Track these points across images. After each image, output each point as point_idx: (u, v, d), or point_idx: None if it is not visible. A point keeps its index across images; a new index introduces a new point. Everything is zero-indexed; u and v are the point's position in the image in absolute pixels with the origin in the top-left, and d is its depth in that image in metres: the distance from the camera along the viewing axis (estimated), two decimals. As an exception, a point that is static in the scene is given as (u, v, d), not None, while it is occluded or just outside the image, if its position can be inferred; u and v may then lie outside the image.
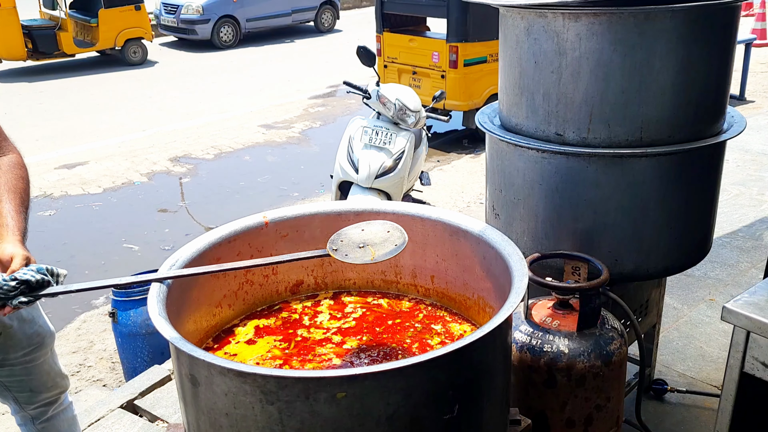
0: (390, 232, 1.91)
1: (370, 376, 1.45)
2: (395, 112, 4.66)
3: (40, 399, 2.40)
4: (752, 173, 6.21)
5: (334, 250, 1.86)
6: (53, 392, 2.42)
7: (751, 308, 1.75)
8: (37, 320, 2.30)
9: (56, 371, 2.42)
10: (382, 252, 1.85)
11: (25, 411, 2.42)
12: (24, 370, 2.30)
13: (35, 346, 2.29)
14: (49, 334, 2.35)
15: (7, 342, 2.20)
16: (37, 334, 2.29)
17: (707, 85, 2.31)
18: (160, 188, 6.99)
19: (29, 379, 2.33)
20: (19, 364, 2.27)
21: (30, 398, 2.38)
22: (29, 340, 2.26)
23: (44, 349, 2.32)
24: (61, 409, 2.50)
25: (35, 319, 2.29)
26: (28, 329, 2.26)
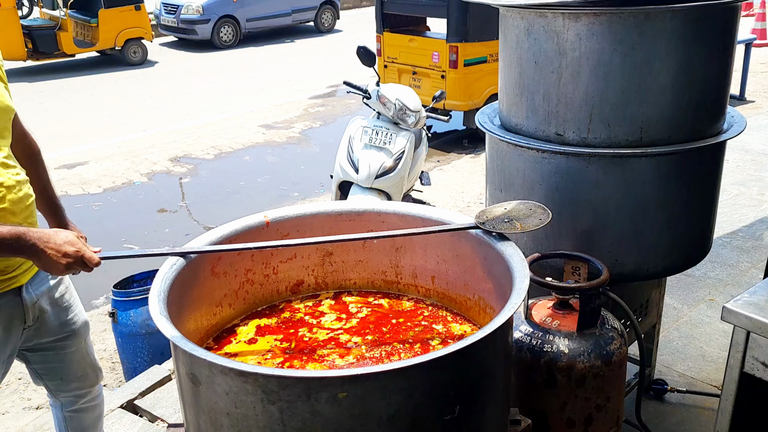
0: (532, 209, 2.02)
1: (371, 376, 1.45)
2: (395, 112, 4.66)
3: (71, 388, 2.43)
4: (752, 173, 6.22)
5: (482, 223, 1.98)
6: (84, 383, 2.45)
7: (751, 308, 1.75)
8: (73, 308, 2.34)
9: (88, 362, 2.45)
10: (530, 225, 1.95)
11: (55, 397, 2.46)
12: (56, 357, 2.33)
13: (68, 334, 2.33)
14: (84, 324, 2.39)
15: (42, 327, 2.23)
16: (71, 322, 2.33)
17: (707, 85, 2.31)
18: (160, 188, 6.99)
19: (60, 366, 2.36)
20: (52, 350, 2.31)
21: (60, 386, 2.41)
22: (62, 327, 2.30)
23: (77, 338, 2.36)
24: (91, 405, 2.53)
25: (71, 306, 2.34)
26: (63, 316, 2.30)
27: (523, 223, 1.98)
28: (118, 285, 3.65)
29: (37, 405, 3.58)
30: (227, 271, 2.10)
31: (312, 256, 2.27)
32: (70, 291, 2.34)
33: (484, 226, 1.97)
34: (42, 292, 2.20)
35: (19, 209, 2.04)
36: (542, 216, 1.99)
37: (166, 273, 1.83)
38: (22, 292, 2.11)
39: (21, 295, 2.11)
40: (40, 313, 2.21)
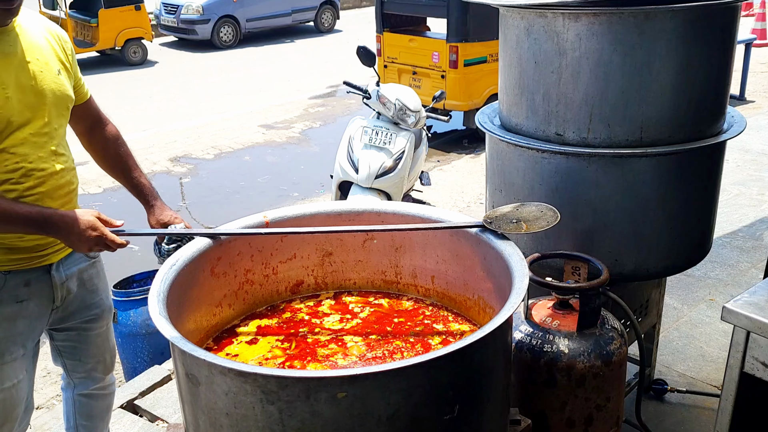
0: (543, 212, 2.04)
1: (370, 376, 1.45)
2: (395, 112, 4.66)
3: (87, 369, 2.46)
4: (752, 173, 6.22)
5: (489, 222, 2.00)
6: (100, 366, 2.48)
7: (751, 308, 1.75)
8: (100, 292, 2.40)
9: (108, 347, 2.49)
10: (535, 226, 1.98)
11: (70, 377, 2.50)
12: (78, 337, 2.37)
13: (93, 317, 2.37)
14: (108, 308, 2.44)
15: (69, 307, 2.28)
16: (96, 305, 2.37)
17: (707, 85, 2.31)
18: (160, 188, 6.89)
19: (82, 347, 2.40)
20: (75, 330, 2.35)
21: (77, 366, 2.45)
22: (88, 309, 2.35)
23: (101, 322, 2.41)
24: (102, 393, 2.56)
25: (98, 291, 2.39)
26: (89, 299, 2.35)
27: (529, 224, 1.99)
28: (118, 285, 3.66)
29: (37, 405, 3.58)
30: (227, 271, 2.10)
31: (312, 256, 2.27)
32: (100, 275, 2.40)
33: (490, 226, 1.98)
34: (72, 273, 2.25)
35: (57, 195, 2.12)
36: (550, 218, 2.00)
37: (166, 273, 1.83)
38: (51, 270, 2.18)
39: (50, 273, 2.18)
40: (68, 294, 2.25)
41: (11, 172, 2.00)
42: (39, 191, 2.06)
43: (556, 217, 1.99)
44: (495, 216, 2.02)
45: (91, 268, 2.35)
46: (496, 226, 1.98)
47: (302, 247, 2.25)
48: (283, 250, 2.22)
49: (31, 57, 2.05)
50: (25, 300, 2.12)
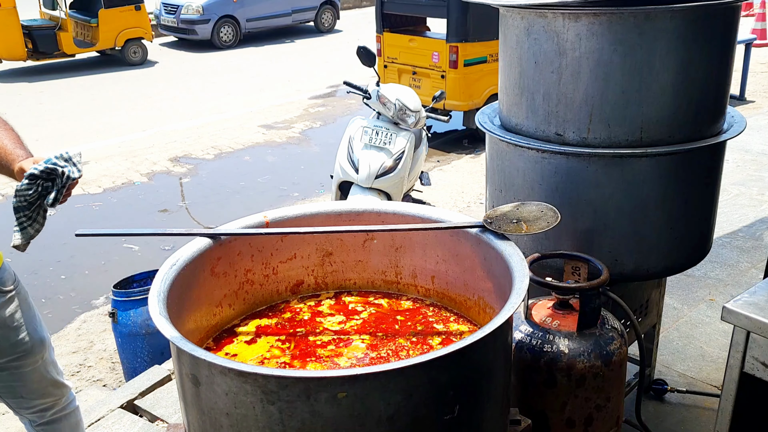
0: (543, 212, 2.03)
1: (371, 376, 1.45)
2: (395, 112, 4.66)
3: (33, 405, 2.36)
4: (752, 173, 6.22)
5: (489, 223, 1.99)
6: (47, 399, 2.37)
7: (751, 308, 1.75)
8: (24, 327, 2.23)
9: (49, 380, 2.35)
10: (535, 227, 1.97)
11: (21, 415, 2.40)
12: (11, 376, 2.25)
13: (21, 354, 2.24)
14: (38, 343, 2.28)
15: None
16: (22, 342, 2.23)
17: (707, 85, 2.31)
18: (160, 188, 6.99)
19: (18, 385, 2.29)
20: (5, 370, 2.23)
21: (21, 404, 2.34)
22: (13, 347, 2.21)
23: (32, 357, 2.27)
24: (63, 414, 2.45)
25: (22, 326, 2.23)
26: (14, 336, 2.20)
27: (529, 224, 1.98)
28: (118, 285, 3.66)
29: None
30: (227, 271, 2.10)
31: (312, 256, 2.27)
32: (21, 310, 2.23)
33: (490, 226, 1.98)
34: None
35: None
36: (550, 219, 1.99)
37: (166, 273, 1.83)
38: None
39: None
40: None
41: None
42: None
43: (556, 218, 1.99)
44: (495, 216, 2.02)
45: (9, 303, 2.19)
46: (496, 226, 1.98)
47: (302, 247, 2.25)
48: (283, 250, 2.22)
49: None
50: None
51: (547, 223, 1.98)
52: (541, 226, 1.98)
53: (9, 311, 2.18)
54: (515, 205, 2.08)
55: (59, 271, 5.32)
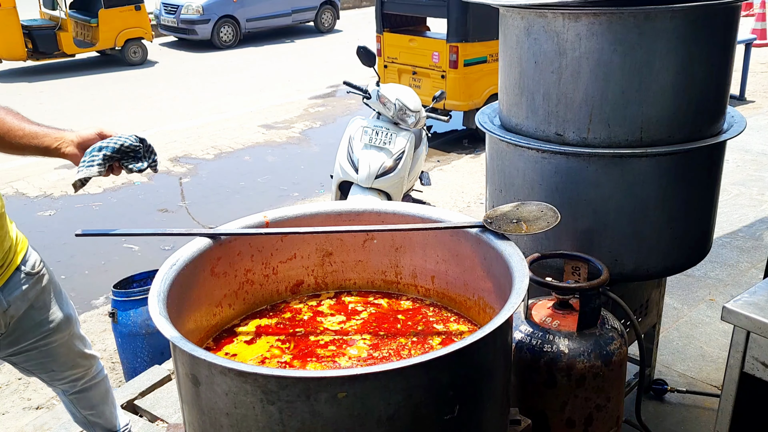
0: (543, 211, 2.03)
1: (371, 376, 1.45)
2: (395, 112, 4.66)
3: (65, 377, 2.45)
4: (752, 173, 6.22)
5: (489, 223, 1.99)
6: (76, 371, 2.47)
7: (751, 308, 1.75)
8: (49, 306, 2.32)
9: (76, 353, 2.45)
10: (535, 227, 1.97)
11: (53, 387, 2.51)
12: (40, 354, 2.33)
13: (49, 332, 2.31)
14: (65, 320, 2.36)
15: (17, 330, 2.23)
16: (47, 321, 2.30)
17: (707, 85, 2.31)
18: (160, 188, 6.99)
19: (48, 361, 2.37)
20: (34, 349, 2.31)
21: (53, 377, 2.44)
22: (40, 326, 2.29)
23: (60, 334, 2.35)
24: (93, 383, 2.56)
25: (47, 305, 2.31)
26: (38, 316, 2.28)
27: (529, 224, 1.98)
28: (118, 285, 3.66)
29: (37, 405, 3.58)
30: (227, 271, 2.10)
31: (312, 256, 2.27)
32: (46, 291, 2.30)
33: (490, 226, 1.98)
34: (14, 297, 2.17)
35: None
36: (550, 219, 1.99)
37: (166, 273, 1.83)
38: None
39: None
40: (12, 320, 2.19)
41: None
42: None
43: (556, 218, 1.99)
44: (495, 216, 2.02)
45: (36, 285, 2.24)
46: (496, 226, 1.98)
47: (302, 247, 2.25)
48: (283, 250, 2.22)
49: None
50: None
51: (547, 223, 1.98)
52: (541, 226, 1.98)
53: (36, 292, 2.25)
54: (515, 205, 2.08)
55: (59, 271, 5.32)
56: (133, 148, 2.01)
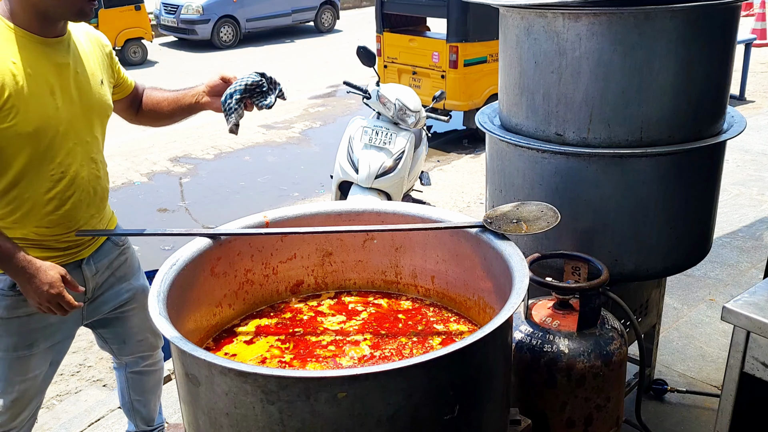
0: (543, 211, 2.03)
1: (371, 376, 1.45)
2: (395, 112, 4.66)
3: (133, 350, 2.59)
4: (752, 173, 6.22)
5: (489, 223, 1.99)
6: (145, 346, 2.60)
7: (751, 308, 1.75)
8: (128, 277, 2.45)
9: (147, 326, 2.54)
10: (535, 227, 1.97)
11: (119, 359, 2.64)
12: (117, 322, 2.47)
13: (125, 301, 2.44)
14: (141, 290, 2.49)
15: (99, 297, 2.36)
16: (125, 290, 2.44)
17: (707, 85, 2.31)
18: (160, 188, 7.00)
19: (122, 330, 2.50)
20: (113, 318, 2.45)
21: (122, 349, 2.57)
22: (118, 295, 2.42)
23: (134, 303, 2.47)
24: (152, 369, 2.70)
25: (126, 276, 2.45)
26: (117, 285, 2.42)
27: (529, 224, 1.98)
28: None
29: (37, 405, 3.58)
30: (227, 271, 2.10)
31: (312, 256, 2.27)
32: (128, 261, 2.46)
33: (490, 226, 1.98)
34: (102, 264, 2.33)
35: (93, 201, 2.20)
36: (550, 219, 1.99)
37: (166, 273, 1.83)
38: (82, 264, 2.25)
39: (81, 267, 2.25)
40: (99, 286, 2.33)
41: (56, 181, 2.07)
42: (77, 198, 2.13)
43: (556, 218, 1.99)
44: (495, 216, 2.02)
45: (121, 256, 2.41)
46: (496, 226, 1.98)
47: (302, 247, 2.25)
48: (283, 250, 2.22)
49: (80, 68, 2.11)
50: None
51: (547, 223, 1.98)
52: (541, 226, 1.98)
53: (119, 262, 2.41)
54: (515, 205, 2.08)
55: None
56: (257, 83, 2.17)
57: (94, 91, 2.15)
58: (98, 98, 2.17)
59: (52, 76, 2.01)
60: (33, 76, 1.95)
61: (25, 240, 2.09)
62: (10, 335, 2.16)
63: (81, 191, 2.14)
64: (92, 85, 2.14)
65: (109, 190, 2.33)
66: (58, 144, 2.04)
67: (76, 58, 2.11)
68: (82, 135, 2.11)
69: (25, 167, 2.00)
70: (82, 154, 2.12)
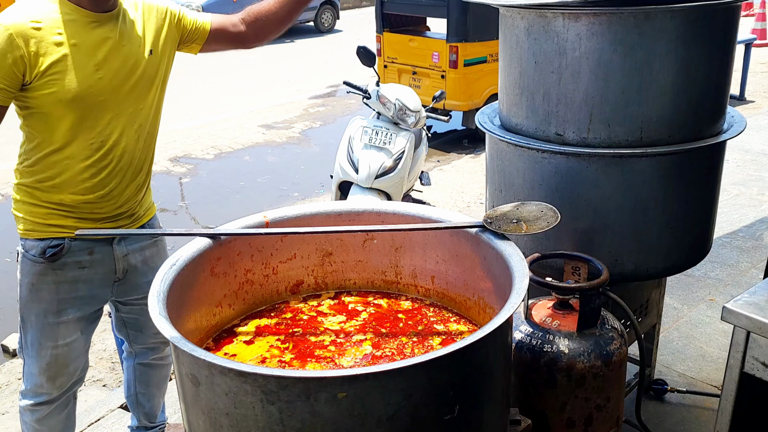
0: (543, 211, 2.03)
1: (371, 376, 1.45)
2: (395, 112, 4.66)
3: (147, 341, 2.64)
4: (752, 173, 6.22)
5: (489, 223, 1.99)
6: (158, 338, 2.64)
7: (751, 308, 1.75)
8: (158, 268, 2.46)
9: None
10: (535, 227, 1.97)
11: (132, 347, 2.69)
12: (140, 310, 2.52)
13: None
14: None
15: (130, 281, 2.44)
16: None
17: (707, 85, 2.31)
18: (160, 188, 6.96)
19: (143, 319, 2.55)
20: (137, 304, 2.51)
21: (138, 337, 2.63)
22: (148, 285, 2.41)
23: None
24: (160, 363, 2.75)
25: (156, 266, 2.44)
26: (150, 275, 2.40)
27: (529, 224, 1.98)
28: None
29: (37, 405, 3.58)
30: (227, 271, 2.10)
31: (312, 256, 2.27)
32: (160, 254, 2.51)
33: (490, 226, 1.97)
34: (134, 248, 2.40)
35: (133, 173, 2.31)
36: (550, 219, 1.99)
37: (166, 273, 1.83)
38: (113, 243, 2.33)
39: (112, 246, 2.33)
40: (129, 268, 2.41)
41: (95, 150, 2.17)
42: (114, 168, 2.23)
43: (556, 218, 1.99)
44: (495, 216, 2.02)
45: (153, 246, 2.48)
46: (496, 226, 1.98)
47: (302, 247, 2.25)
48: (283, 250, 2.22)
49: (126, 40, 2.19)
50: (87, 267, 2.30)
51: (547, 223, 1.98)
52: (541, 226, 1.98)
53: (151, 253, 2.48)
54: (515, 205, 2.08)
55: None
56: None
57: (140, 64, 2.22)
58: (144, 70, 2.24)
59: (97, 48, 2.11)
60: (78, 47, 2.07)
61: (61, 205, 2.21)
62: (40, 302, 2.27)
63: (118, 162, 2.23)
64: (138, 58, 2.21)
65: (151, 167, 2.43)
66: (98, 113, 2.14)
67: (124, 31, 2.19)
68: (124, 106, 2.20)
69: (69, 133, 2.12)
70: (123, 125, 2.21)
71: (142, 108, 2.29)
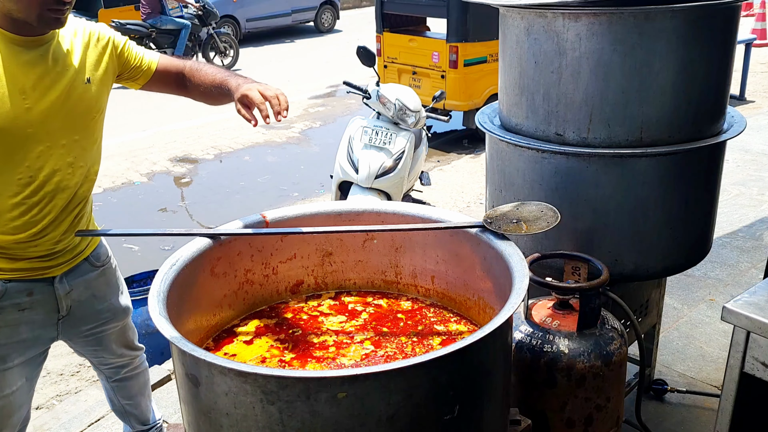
0: (543, 211, 2.04)
1: (371, 376, 1.45)
2: (395, 112, 4.66)
3: (110, 363, 2.54)
4: (752, 173, 6.21)
5: (489, 223, 1.99)
6: (122, 359, 2.55)
7: (751, 308, 1.75)
8: (108, 298, 2.38)
9: (125, 343, 2.52)
10: (535, 227, 1.97)
11: (99, 370, 2.59)
12: (95, 340, 2.40)
13: (104, 320, 2.38)
14: (122, 311, 2.44)
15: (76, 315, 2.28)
16: (105, 310, 2.37)
17: (707, 85, 2.31)
18: (160, 188, 6.99)
19: (100, 348, 2.45)
20: (90, 336, 2.38)
21: (101, 361, 2.52)
22: (98, 314, 2.36)
23: (115, 323, 2.42)
24: (134, 373, 2.64)
25: (106, 297, 2.38)
26: (97, 305, 2.34)
27: (529, 224, 1.98)
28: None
29: (36, 405, 3.58)
30: (227, 271, 2.10)
31: (312, 256, 2.27)
32: (109, 282, 2.38)
33: (490, 226, 1.97)
34: (77, 283, 2.24)
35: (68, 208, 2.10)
36: (550, 219, 1.99)
37: (166, 273, 1.83)
38: (54, 282, 2.16)
39: (54, 284, 2.16)
40: (74, 304, 2.25)
41: (23, 186, 1.96)
42: (46, 206, 2.02)
43: (556, 218, 1.99)
44: (495, 216, 2.02)
45: (99, 276, 2.32)
46: (496, 226, 1.98)
47: (302, 247, 2.25)
48: (283, 250, 2.22)
49: (62, 66, 1.99)
50: (28, 309, 2.11)
51: (547, 223, 1.98)
52: (541, 226, 1.98)
53: (99, 283, 2.33)
54: (515, 205, 2.08)
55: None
56: None
57: (76, 92, 2.02)
58: (78, 99, 2.03)
59: (24, 76, 1.90)
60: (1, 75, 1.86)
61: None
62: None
63: (51, 198, 2.02)
64: (75, 86, 2.01)
65: (91, 200, 2.22)
66: (26, 146, 1.93)
67: (58, 57, 1.98)
68: (56, 138, 1.99)
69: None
70: (56, 158, 1.99)
71: (78, 139, 2.05)
